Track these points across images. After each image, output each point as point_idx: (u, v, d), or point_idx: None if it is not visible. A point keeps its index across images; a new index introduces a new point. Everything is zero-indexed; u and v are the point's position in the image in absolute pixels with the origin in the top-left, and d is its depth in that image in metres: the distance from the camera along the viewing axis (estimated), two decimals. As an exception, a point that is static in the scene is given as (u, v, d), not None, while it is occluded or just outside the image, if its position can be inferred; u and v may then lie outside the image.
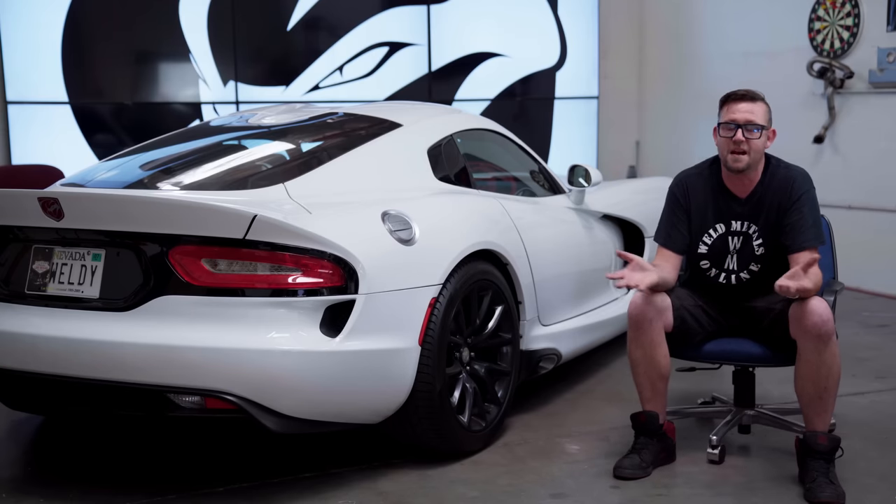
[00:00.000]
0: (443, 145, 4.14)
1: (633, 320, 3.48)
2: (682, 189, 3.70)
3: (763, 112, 3.53)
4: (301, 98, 8.35)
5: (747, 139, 3.48)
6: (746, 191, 3.58)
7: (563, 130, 9.19)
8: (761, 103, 3.54)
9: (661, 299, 3.48)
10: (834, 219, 4.06)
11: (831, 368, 3.31)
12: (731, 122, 3.50)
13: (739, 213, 3.59)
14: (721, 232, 3.62)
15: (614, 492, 3.37)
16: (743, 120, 3.49)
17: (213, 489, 3.40)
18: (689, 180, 3.71)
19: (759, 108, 3.52)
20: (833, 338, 3.29)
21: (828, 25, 7.12)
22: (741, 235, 3.60)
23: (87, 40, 8.03)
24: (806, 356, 3.32)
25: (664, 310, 3.48)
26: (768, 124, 3.55)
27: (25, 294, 3.42)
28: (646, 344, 3.48)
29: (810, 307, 3.28)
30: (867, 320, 6.04)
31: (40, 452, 3.87)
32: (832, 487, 3.23)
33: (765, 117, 3.53)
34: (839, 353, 3.33)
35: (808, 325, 3.27)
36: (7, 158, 7.74)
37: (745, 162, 3.50)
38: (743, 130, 3.48)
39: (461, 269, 3.59)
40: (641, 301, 3.46)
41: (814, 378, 3.32)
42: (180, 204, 3.23)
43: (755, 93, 3.56)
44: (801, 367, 3.35)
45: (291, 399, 3.17)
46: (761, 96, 3.56)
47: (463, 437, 3.62)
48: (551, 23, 9.02)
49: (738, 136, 3.48)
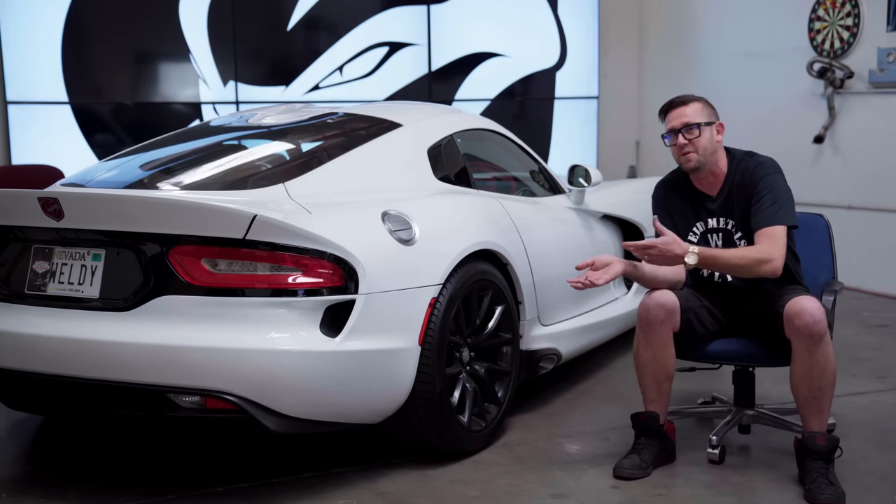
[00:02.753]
0: (443, 145, 4.14)
1: (643, 321, 3.48)
2: (662, 193, 3.78)
3: (698, 110, 3.60)
4: (301, 98, 8.35)
5: (689, 140, 3.56)
6: (715, 188, 3.64)
7: (563, 130, 9.19)
8: (695, 103, 3.62)
9: (671, 301, 3.48)
10: (834, 219, 4.07)
11: (825, 368, 3.31)
12: (670, 131, 3.62)
13: (713, 211, 3.64)
14: (701, 231, 3.67)
15: (614, 492, 3.37)
16: (679, 125, 3.59)
17: (213, 489, 3.40)
18: (666, 185, 3.80)
19: (692, 109, 3.60)
20: (826, 337, 3.30)
21: (828, 25, 7.12)
22: (720, 232, 3.64)
23: (87, 40, 8.03)
24: (799, 356, 3.33)
25: (674, 311, 3.48)
26: (711, 119, 3.61)
27: (25, 294, 3.42)
28: (656, 345, 3.48)
29: (802, 307, 3.29)
30: (867, 320, 6.04)
31: (40, 452, 3.88)
32: (832, 488, 3.23)
33: (702, 114, 3.60)
34: (833, 353, 3.33)
35: (800, 325, 3.28)
36: (7, 158, 7.74)
37: (695, 160, 3.58)
38: (682, 134, 3.57)
39: (461, 269, 3.59)
40: (652, 303, 3.46)
41: (808, 378, 3.32)
42: (180, 204, 3.23)
43: (686, 96, 3.66)
44: (795, 368, 3.36)
45: (291, 399, 3.17)
46: (694, 97, 3.65)
47: (463, 437, 3.62)
48: (551, 23, 9.02)
49: (681, 141, 3.58)
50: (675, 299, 3.50)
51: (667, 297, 3.48)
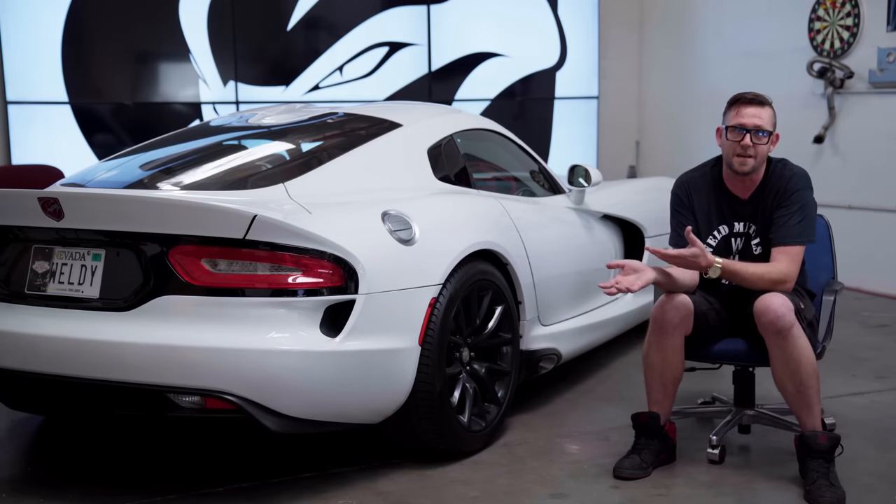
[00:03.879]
0: (443, 145, 4.14)
1: (656, 324, 3.47)
2: (685, 191, 3.69)
3: (770, 117, 3.52)
4: (301, 98, 8.34)
5: (755, 144, 3.46)
6: (748, 192, 3.58)
7: (563, 130, 9.19)
8: (769, 108, 3.53)
9: (687, 305, 3.46)
10: (834, 219, 4.07)
11: (800, 361, 3.30)
12: (739, 127, 3.48)
13: (742, 214, 3.59)
14: (724, 233, 3.62)
15: (614, 492, 3.37)
16: (752, 125, 3.47)
17: (213, 489, 3.40)
18: (692, 182, 3.70)
19: (766, 113, 3.50)
20: (793, 330, 3.28)
21: (828, 25, 7.12)
22: (742, 236, 3.60)
23: (87, 40, 8.03)
24: (772, 353, 3.35)
25: (688, 315, 3.46)
26: (774, 129, 3.54)
27: (25, 294, 3.42)
28: (667, 348, 3.47)
29: (766, 304, 3.29)
30: (867, 320, 6.04)
31: (40, 452, 3.87)
32: (832, 489, 3.22)
33: (772, 122, 3.52)
34: (807, 346, 3.31)
35: (766, 322, 3.30)
36: (7, 158, 7.74)
37: (751, 165, 3.49)
38: (751, 136, 3.46)
39: (461, 269, 3.59)
40: (669, 306, 3.44)
41: (787, 374, 3.33)
42: (180, 204, 3.23)
43: (764, 97, 3.54)
44: (774, 366, 3.38)
45: (291, 399, 3.17)
46: (769, 101, 3.55)
47: (463, 437, 3.62)
48: (551, 23, 9.02)
49: (746, 141, 3.46)
50: (691, 304, 3.47)
51: (683, 301, 3.45)
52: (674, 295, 3.47)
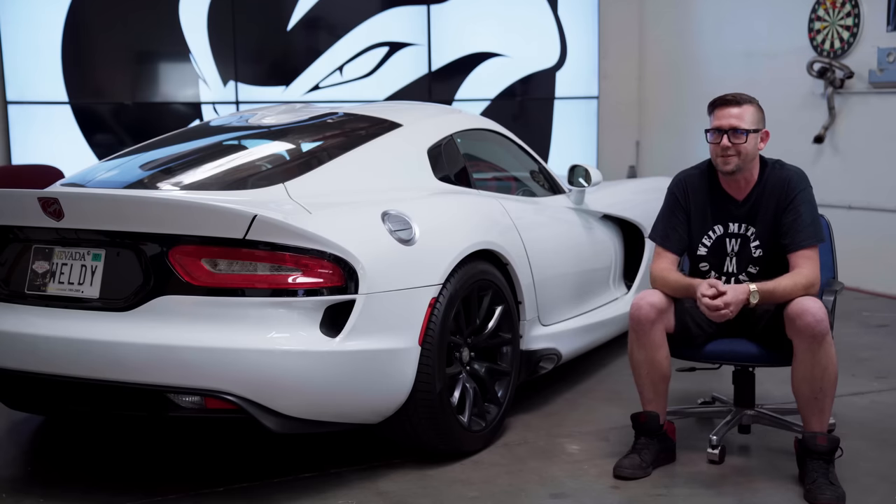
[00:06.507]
0: (443, 145, 4.14)
1: (634, 322, 3.48)
2: (682, 189, 3.69)
3: (751, 115, 3.51)
4: (301, 98, 8.35)
5: (734, 144, 3.48)
6: (743, 193, 3.58)
7: (563, 130, 9.19)
8: (748, 106, 3.52)
9: (662, 301, 3.48)
10: (834, 219, 4.06)
11: (826, 369, 3.30)
12: (716, 129, 3.52)
13: (737, 215, 3.60)
14: (719, 234, 3.62)
15: (614, 492, 3.37)
16: (727, 126, 3.49)
17: (213, 489, 3.40)
18: (689, 180, 3.70)
19: (745, 112, 3.50)
20: (828, 337, 3.29)
21: (828, 25, 7.12)
22: (739, 237, 3.60)
23: (87, 40, 8.03)
24: (801, 356, 3.32)
25: (666, 311, 3.48)
26: (759, 126, 3.53)
27: (25, 294, 3.42)
28: (648, 346, 3.47)
29: (804, 307, 3.28)
30: (867, 320, 6.04)
31: (40, 452, 3.87)
32: (832, 489, 3.23)
33: (753, 120, 3.51)
34: (835, 354, 3.33)
35: (802, 326, 3.28)
36: (7, 158, 7.74)
37: (735, 164, 3.50)
38: (728, 136, 3.48)
39: (461, 269, 3.59)
40: (643, 302, 3.46)
41: (810, 378, 3.32)
42: (180, 204, 3.23)
43: (742, 96, 3.54)
44: (797, 368, 3.35)
45: (291, 399, 3.17)
46: (749, 99, 3.54)
47: (463, 437, 3.62)
48: (551, 23, 9.02)
49: (725, 143, 3.49)
50: (666, 299, 3.49)
51: (657, 296, 3.48)
52: (649, 291, 3.50)
